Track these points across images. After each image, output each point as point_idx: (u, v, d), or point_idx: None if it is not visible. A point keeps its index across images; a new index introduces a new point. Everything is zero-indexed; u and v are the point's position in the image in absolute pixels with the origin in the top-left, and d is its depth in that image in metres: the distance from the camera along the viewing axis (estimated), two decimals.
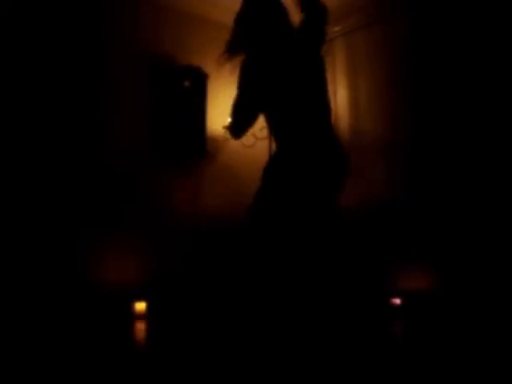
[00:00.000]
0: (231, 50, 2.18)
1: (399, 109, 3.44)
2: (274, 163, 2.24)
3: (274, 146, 3.61)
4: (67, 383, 1.89)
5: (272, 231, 2.30)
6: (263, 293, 3.24)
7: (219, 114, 3.75)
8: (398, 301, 3.14)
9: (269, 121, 2.29)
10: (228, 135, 3.70)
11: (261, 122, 3.64)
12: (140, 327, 2.94)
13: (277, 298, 3.17)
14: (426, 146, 3.24)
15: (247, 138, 3.63)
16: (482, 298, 2.83)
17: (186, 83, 3.59)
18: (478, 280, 2.89)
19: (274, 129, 2.26)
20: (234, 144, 3.74)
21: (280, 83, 2.10)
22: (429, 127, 3.24)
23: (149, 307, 3.12)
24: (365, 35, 3.67)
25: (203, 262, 3.54)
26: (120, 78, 3.40)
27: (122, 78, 3.42)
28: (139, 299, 3.12)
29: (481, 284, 2.87)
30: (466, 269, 2.95)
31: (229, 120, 3.63)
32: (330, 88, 2.23)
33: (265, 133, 3.60)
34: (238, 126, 2.32)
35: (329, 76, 3.87)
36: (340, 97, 3.82)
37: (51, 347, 2.39)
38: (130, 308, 3.10)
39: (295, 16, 2.15)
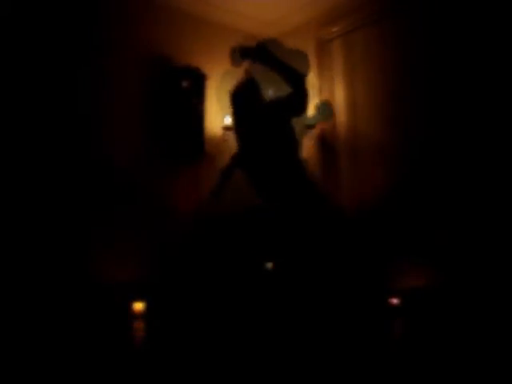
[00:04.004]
0: None
1: (397, 109, 3.45)
2: None
3: None
4: (67, 382, 1.90)
5: None
6: (261, 293, 3.25)
7: (217, 114, 3.76)
8: (396, 300, 3.14)
9: None
10: (226, 136, 3.72)
11: None
12: (138, 327, 2.94)
13: (276, 298, 3.17)
14: (424, 146, 3.25)
15: None
16: (481, 296, 2.84)
17: (185, 83, 3.60)
18: (476, 278, 2.90)
19: None
20: (231, 144, 3.74)
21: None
22: (427, 127, 3.25)
23: (147, 307, 3.12)
24: (363, 35, 3.68)
25: (202, 262, 3.55)
26: (119, 79, 3.41)
27: (121, 78, 3.42)
28: (138, 299, 3.12)
29: (479, 282, 2.88)
30: (465, 267, 2.96)
31: (228, 120, 3.65)
32: (328, 88, 2.22)
33: None
34: None
35: (327, 76, 3.94)
36: (338, 97, 3.82)
37: (50, 346, 2.39)
38: (129, 308, 3.10)
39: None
